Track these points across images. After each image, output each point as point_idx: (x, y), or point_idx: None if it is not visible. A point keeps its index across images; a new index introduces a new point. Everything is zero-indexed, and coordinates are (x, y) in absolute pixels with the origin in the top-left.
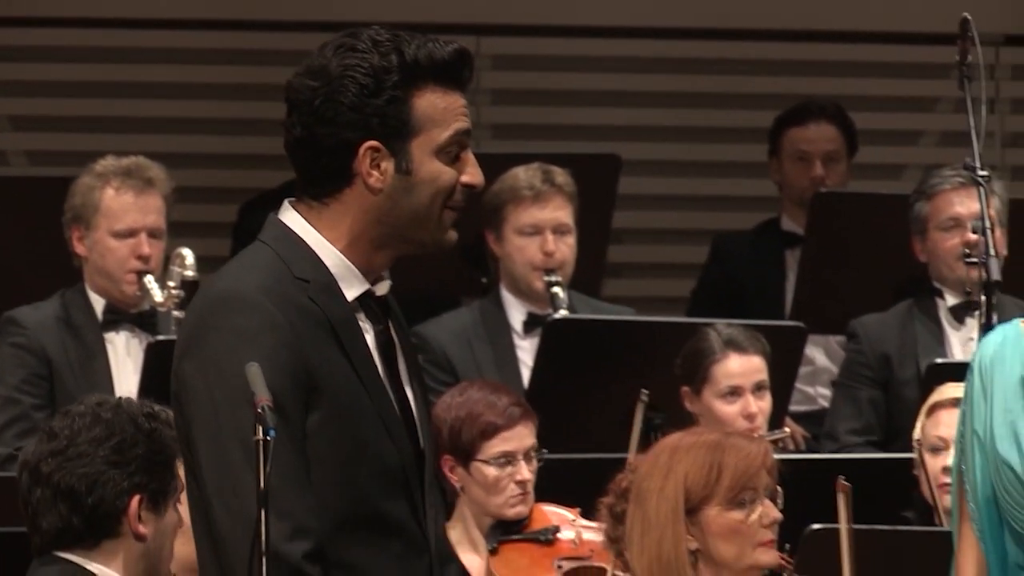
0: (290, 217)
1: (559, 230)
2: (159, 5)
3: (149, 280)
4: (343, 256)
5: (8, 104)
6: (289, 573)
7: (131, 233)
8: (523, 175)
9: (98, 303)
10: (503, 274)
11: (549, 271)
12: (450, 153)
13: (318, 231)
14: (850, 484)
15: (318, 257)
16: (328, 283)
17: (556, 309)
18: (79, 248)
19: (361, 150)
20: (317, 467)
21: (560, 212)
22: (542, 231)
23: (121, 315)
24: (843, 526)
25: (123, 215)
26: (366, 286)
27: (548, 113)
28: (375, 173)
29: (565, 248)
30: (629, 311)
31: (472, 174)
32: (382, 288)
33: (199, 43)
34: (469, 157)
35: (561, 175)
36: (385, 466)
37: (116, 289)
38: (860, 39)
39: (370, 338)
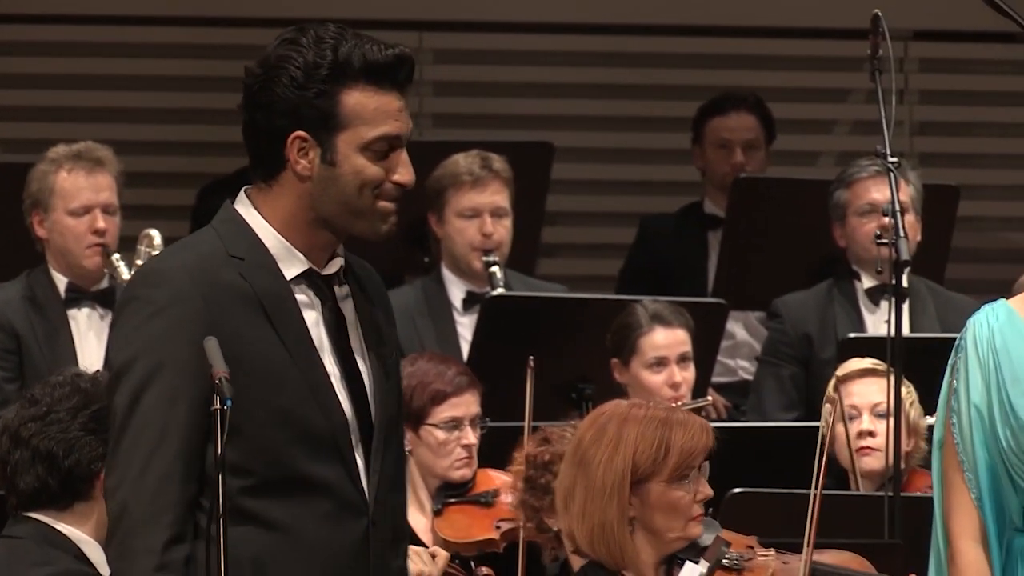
0: (240, 201)
1: (496, 213)
2: (118, 2)
3: (116, 259)
4: (281, 236)
5: None
6: (151, 571)
7: (86, 210)
8: (463, 161)
9: (60, 282)
10: (444, 254)
11: (487, 251)
12: (377, 151)
13: (260, 212)
14: None
15: (258, 237)
16: (264, 261)
17: (494, 287)
18: (40, 232)
19: (289, 139)
20: (234, 433)
21: (497, 196)
22: (481, 214)
23: (82, 293)
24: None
25: (77, 194)
26: (307, 265)
27: (486, 104)
28: (302, 161)
29: (502, 230)
30: (562, 289)
31: (402, 174)
32: (331, 267)
33: (159, 38)
34: (400, 157)
35: (498, 161)
36: (309, 431)
37: (78, 265)
38: (777, 34)
39: (314, 313)
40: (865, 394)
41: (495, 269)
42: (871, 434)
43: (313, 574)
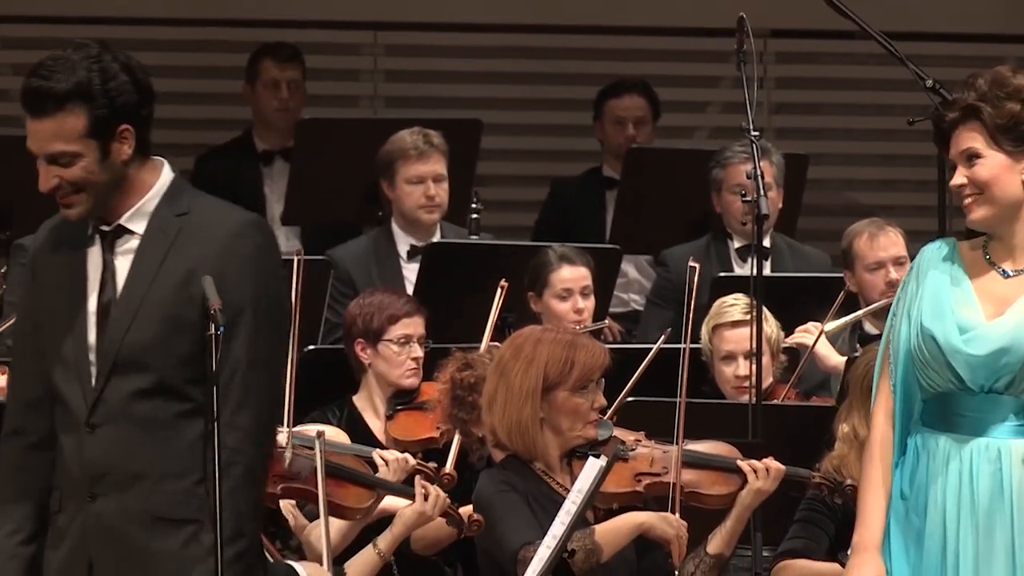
0: None
1: (437, 179)
2: (134, 6)
3: None
4: None
5: None
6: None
7: (420, 180)
8: (409, 138)
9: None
10: (395, 213)
11: (432, 209)
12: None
13: None
14: None
15: None
16: (83, 225)
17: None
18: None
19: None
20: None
21: (438, 166)
22: (425, 180)
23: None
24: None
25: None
26: (89, 227)
27: (427, 88)
28: None
29: (442, 192)
30: (489, 237)
31: (40, 182)
32: (116, 221)
33: (161, 35)
34: (40, 166)
35: (436, 137)
36: (60, 353)
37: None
38: (661, 32)
39: (98, 258)
40: (739, 340)
41: (476, 216)
42: (748, 376)
43: (61, 463)
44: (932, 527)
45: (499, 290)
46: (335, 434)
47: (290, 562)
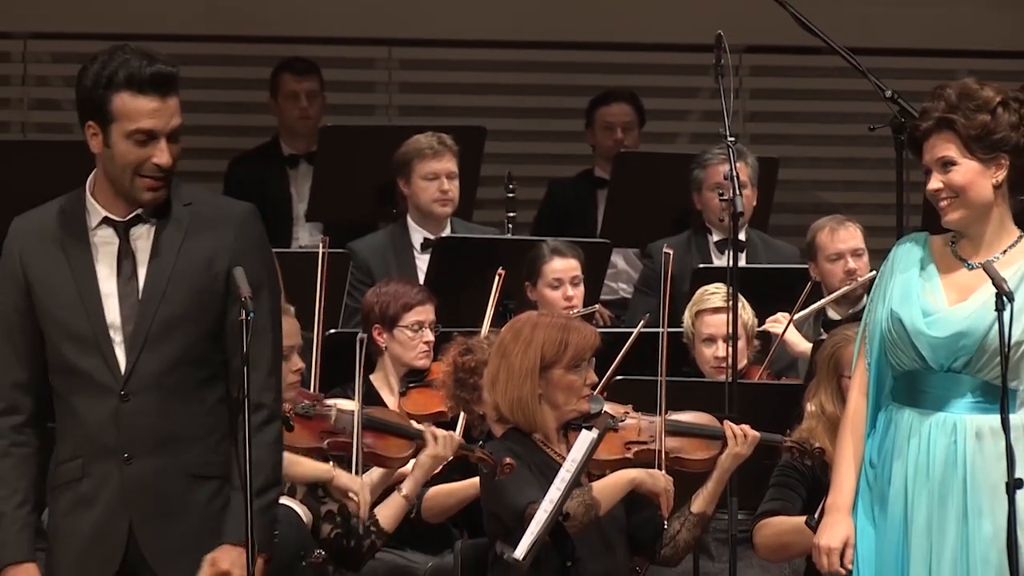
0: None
1: (450, 176)
2: (156, 23)
3: None
4: (92, 195)
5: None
6: None
7: (435, 176)
8: (423, 140)
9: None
10: (410, 208)
11: (445, 203)
12: (138, 139)
13: (92, 179)
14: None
15: (83, 197)
16: (79, 214)
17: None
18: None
19: (86, 127)
20: (44, 336)
21: (450, 164)
22: (439, 177)
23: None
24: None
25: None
26: (102, 214)
27: (437, 98)
28: (94, 142)
29: (454, 189)
30: (493, 231)
31: (159, 156)
32: (129, 215)
33: (192, 51)
34: (159, 144)
35: (449, 139)
36: (75, 332)
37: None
38: (647, 48)
39: (112, 247)
40: (719, 324)
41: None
42: (724, 357)
43: (82, 438)
44: (895, 492)
45: (497, 278)
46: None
47: (283, 501)
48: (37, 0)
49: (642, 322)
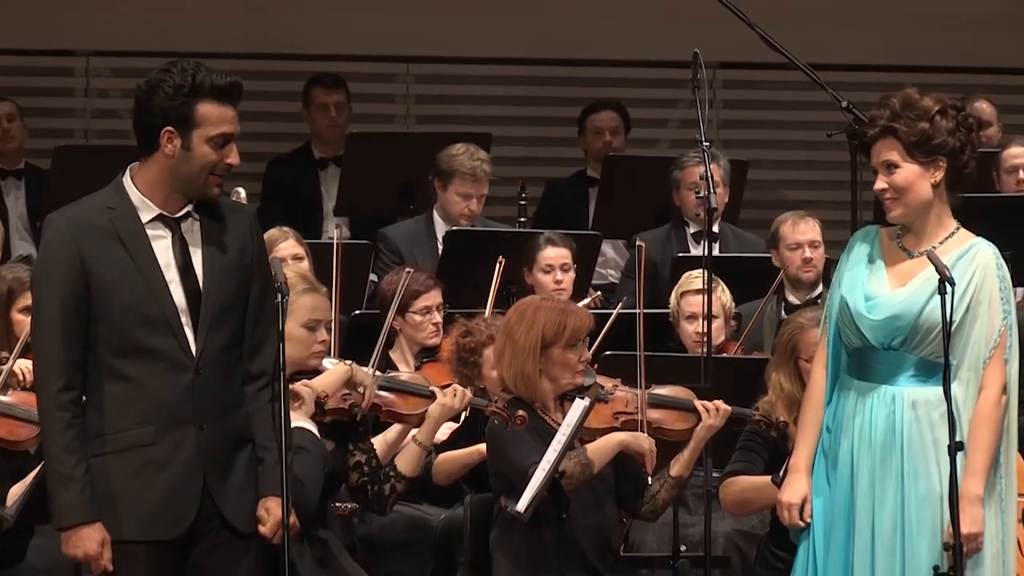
0: (125, 174)
1: (480, 198)
2: (200, 41)
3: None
4: (142, 194)
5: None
6: (54, 409)
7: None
8: (468, 161)
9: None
10: (439, 206)
11: (470, 218)
12: (217, 143)
13: (133, 180)
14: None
15: (127, 195)
16: (126, 211)
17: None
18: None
19: (163, 132)
20: (101, 319)
21: (484, 189)
22: (471, 197)
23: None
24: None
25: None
26: (157, 211)
27: (449, 108)
28: (169, 147)
29: (479, 206)
30: (500, 224)
31: (232, 157)
32: (181, 212)
33: (231, 67)
34: (231, 147)
35: (487, 164)
36: (146, 316)
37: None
38: (632, 64)
39: (166, 240)
40: (700, 304)
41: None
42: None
43: (152, 409)
44: (844, 455)
45: (498, 265)
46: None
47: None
48: (98, 21)
49: (620, 304)
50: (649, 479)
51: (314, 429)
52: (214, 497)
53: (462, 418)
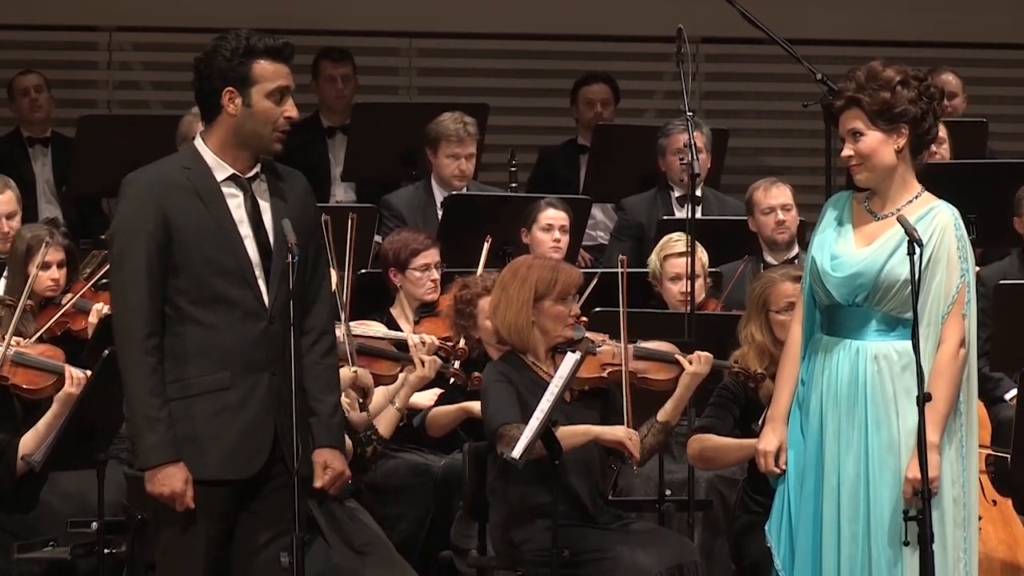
0: (197, 138)
1: (468, 158)
2: (213, 17)
3: None
4: (216, 154)
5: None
6: (141, 354)
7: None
8: (452, 124)
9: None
10: (435, 173)
11: (462, 179)
12: (275, 97)
13: (204, 142)
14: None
15: (201, 156)
16: (202, 170)
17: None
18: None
19: (224, 92)
20: (181, 271)
21: (471, 148)
22: (460, 158)
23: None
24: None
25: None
26: (231, 171)
27: (449, 80)
28: (231, 106)
29: (470, 167)
30: (496, 190)
31: (291, 110)
32: (251, 172)
33: None
34: (289, 100)
35: (472, 125)
36: (224, 268)
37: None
38: (621, 39)
39: (239, 199)
40: (682, 265)
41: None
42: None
43: (229, 355)
44: (814, 406)
45: (485, 243)
46: (376, 327)
47: None
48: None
49: (600, 268)
50: (635, 467)
51: None
52: (281, 441)
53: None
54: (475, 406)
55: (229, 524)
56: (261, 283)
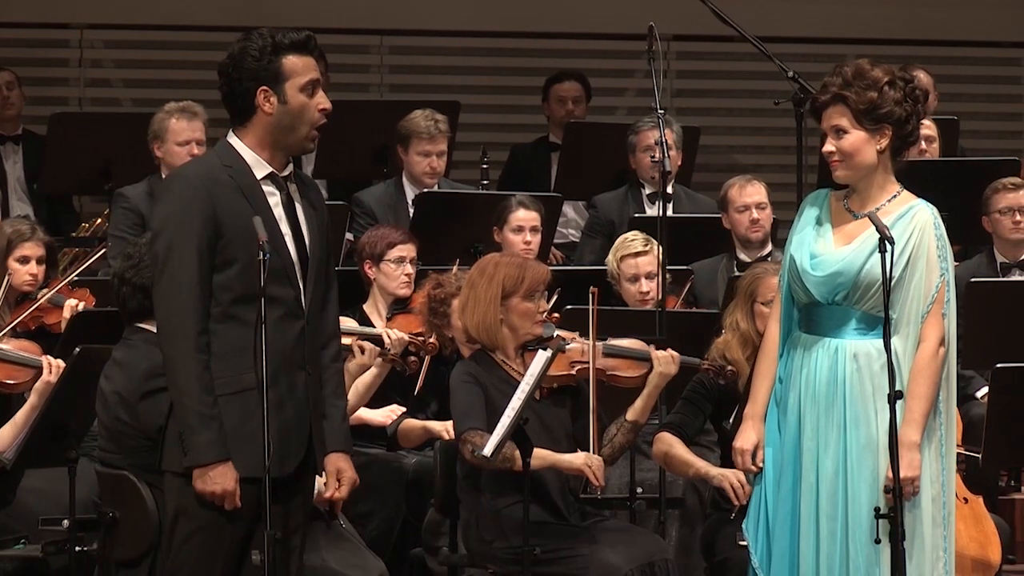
0: (230, 136)
1: (439, 155)
2: (184, 13)
3: None
4: (253, 152)
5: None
6: (194, 351)
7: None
8: (423, 122)
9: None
10: (406, 170)
11: (433, 176)
12: (308, 90)
13: (241, 140)
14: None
15: (239, 154)
16: (242, 168)
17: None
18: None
19: (259, 92)
20: (227, 268)
21: (441, 145)
22: (431, 155)
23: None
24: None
25: (181, 133)
26: (269, 169)
27: (420, 78)
28: (267, 105)
29: (441, 164)
30: (467, 187)
31: (324, 103)
32: (286, 171)
33: (213, 39)
34: (320, 92)
35: (443, 123)
36: (270, 265)
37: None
38: (592, 37)
39: (275, 197)
40: (640, 265)
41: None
42: (648, 291)
43: (270, 353)
44: (792, 404)
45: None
46: (349, 323)
47: None
48: None
49: (571, 265)
50: (598, 492)
51: None
52: (313, 439)
53: (416, 389)
54: (437, 426)
55: (252, 527)
56: (300, 282)
